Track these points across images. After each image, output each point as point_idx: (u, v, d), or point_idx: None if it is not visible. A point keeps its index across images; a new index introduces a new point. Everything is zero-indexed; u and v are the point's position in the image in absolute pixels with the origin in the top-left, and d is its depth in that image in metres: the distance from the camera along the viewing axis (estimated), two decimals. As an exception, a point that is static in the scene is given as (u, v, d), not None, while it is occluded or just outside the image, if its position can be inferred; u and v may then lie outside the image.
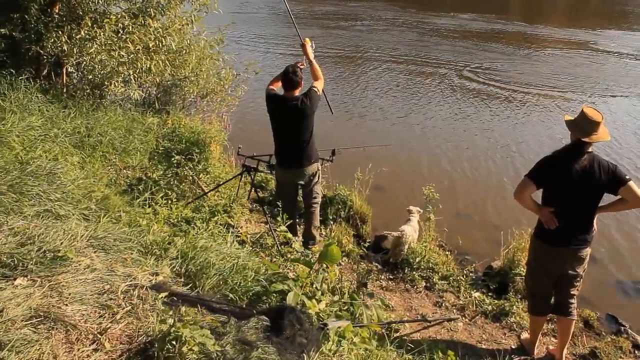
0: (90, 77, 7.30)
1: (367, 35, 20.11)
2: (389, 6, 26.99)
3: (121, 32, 7.02)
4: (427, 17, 24.12)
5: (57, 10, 7.15)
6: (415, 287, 5.29)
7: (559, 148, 3.93)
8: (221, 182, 6.06)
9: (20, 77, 6.28)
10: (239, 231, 4.85)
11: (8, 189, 3.51)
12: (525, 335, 4.58)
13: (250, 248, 4.14)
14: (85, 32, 6.76)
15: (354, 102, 12.18)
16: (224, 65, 9.08)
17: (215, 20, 8.93)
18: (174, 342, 2.20)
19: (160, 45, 7.32)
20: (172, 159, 6.33)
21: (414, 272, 5.45)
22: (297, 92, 5.01)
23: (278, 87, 5.17)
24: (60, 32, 6.83)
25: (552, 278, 4.10)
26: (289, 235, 3.67)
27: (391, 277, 5.49)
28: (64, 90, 7.17)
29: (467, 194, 7.86)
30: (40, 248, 2.69)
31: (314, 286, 3.32)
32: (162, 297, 2.52)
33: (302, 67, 5.11)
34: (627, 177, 3.73)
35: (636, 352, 4.58)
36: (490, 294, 5.25)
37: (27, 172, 3.78)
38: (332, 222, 6.34)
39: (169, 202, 5.28)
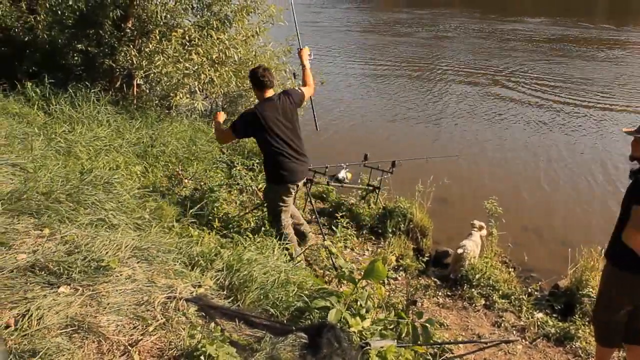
0: (158, 88, 7.57)
1: (434, 42, 19.80)
2: (456, 12, 26.46)
3: (187, 44, 7.24)
4: (498, 22, 23.41)
5: (129, 25, 7.49)
6: (474, 305, 5.05)
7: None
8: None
9: (94, 90, 6.58)
10: (288, 243, 4.82)
11: (66, 197, 3.65)
12: (591, 362, 4.25)
13: (300, 260, 4.09)
14: (154, 45, 7.03)
15: (418, 111, 11.92)
16: (289, 75, 9.16)
17: (285, 31, 9.01)
18: (202, 358, 2.19)
19: (224, 57, 7.48)
20: (233, 169, 6.43)
21: (473, 290, 5.21)
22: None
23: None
24: (130, 46, 7.14)
25: (630, 308, 3.71)
26: (334, 250, 3.60)
27: (449, 293, 5.28)
28: (134, 101, 7.47)
29: (534, 207, 7.45)
30: (85, 257, 2.78)
31: (359, 303, 3.23)
32: (194, 310, 2.52)
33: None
34: None
35: None
36: (554, 315, 4.92)
37: (86, 181, 3.92)
38: (391, 235, 6.19)
39: (224, 212, 5.33)
